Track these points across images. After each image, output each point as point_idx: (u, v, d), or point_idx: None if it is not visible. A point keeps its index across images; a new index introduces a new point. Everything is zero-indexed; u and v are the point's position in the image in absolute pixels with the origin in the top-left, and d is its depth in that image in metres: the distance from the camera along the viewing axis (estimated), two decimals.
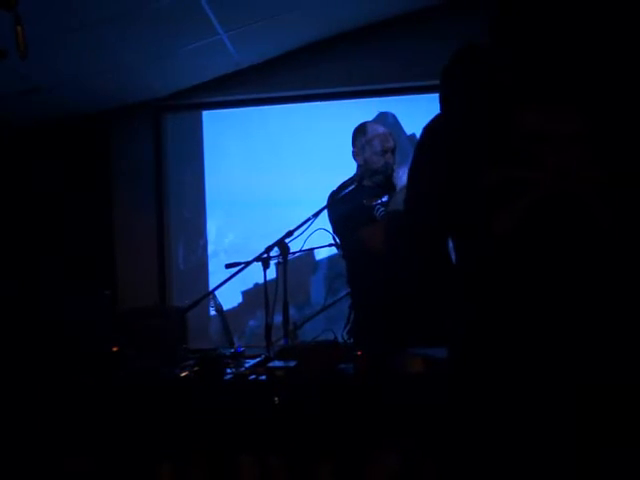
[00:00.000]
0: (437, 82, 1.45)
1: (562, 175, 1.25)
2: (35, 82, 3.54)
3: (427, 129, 1.43)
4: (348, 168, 2.99)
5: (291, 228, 2.60)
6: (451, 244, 1.44)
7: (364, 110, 3.85)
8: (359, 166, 2.93)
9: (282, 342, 2.56)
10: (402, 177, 2.74)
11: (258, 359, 2.49)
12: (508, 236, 1.27)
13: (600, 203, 1.25)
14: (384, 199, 2.83)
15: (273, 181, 4.18)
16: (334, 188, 2.94)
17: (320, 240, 2.89)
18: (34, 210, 4.33)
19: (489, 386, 1.30)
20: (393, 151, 2.88)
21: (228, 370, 2.35)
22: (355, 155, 2.94)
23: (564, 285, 1.25)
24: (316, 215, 2.65)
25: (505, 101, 1.32)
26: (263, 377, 2.21)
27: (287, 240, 2.60)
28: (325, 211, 2.79)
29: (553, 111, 1.29)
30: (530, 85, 1.32)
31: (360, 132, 2.93)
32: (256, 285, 4.02)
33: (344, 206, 2.78)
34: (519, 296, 1.27)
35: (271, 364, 2.29)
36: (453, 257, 1.43)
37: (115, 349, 2.37)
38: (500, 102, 1.32)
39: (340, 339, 2.69)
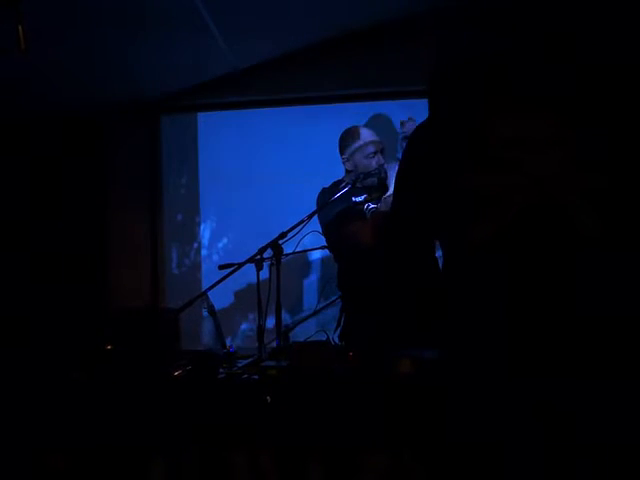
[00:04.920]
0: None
1: (540, 180, 1.25)
2: (29, 81, 3.54)
3: (412, 139, 1.47)
4: (343, 172, 3.00)
5: (284, 230, 2.62)
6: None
7: (361, 114, 3.87)
8: (348, 171, 2.92)
9: (274, 344, 2.57)
10: (393, 177, 2.74)
11: (251, 359, 2.50)
12: (487, 243, 1.28)
13: (587, 210, 1.25)
14: (376, 202, 2.85)
15: (268, 185, 4.19)
16: (325, 186, 2.94)
17: (313, 242, 2.91)
18: (27, 211, 4.33)
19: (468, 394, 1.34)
20: (382, 151, 2.87)
21: (221, 369, 2.36)
22: (345, 161, 2.92)
23: (540, 292, 1.25)
24: (310, 217, 2.67)
25: (482, 110, 1.34)
26: (256, 376, 2.23)
27: (280, 242, 2.61)
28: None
29: (530, 117, 1.30)
30: (507, 93, 1.34)
31: (349, 137, 2.90)
32: (249, 286, 4.02)
33: (335, 207, 2.79)
34: (499, 300, 1.28)
35: (263, 363, 2.30)
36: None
37: (108, 347, 2.38)
38: (478, 111, 1.34)
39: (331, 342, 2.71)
